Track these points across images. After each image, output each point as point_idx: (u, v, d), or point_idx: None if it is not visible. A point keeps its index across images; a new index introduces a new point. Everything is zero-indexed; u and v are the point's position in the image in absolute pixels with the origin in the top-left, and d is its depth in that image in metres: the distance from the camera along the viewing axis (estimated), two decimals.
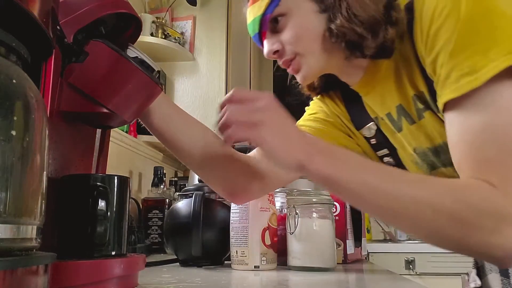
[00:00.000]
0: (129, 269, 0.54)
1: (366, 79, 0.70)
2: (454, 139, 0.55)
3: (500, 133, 0.50)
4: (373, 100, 0.73)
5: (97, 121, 0.60)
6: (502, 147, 0.50)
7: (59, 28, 0.51)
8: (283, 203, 0.97)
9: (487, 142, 0.51)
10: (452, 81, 0.53)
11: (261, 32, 0.69)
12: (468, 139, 0.52)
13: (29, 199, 0.33)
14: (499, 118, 0.50)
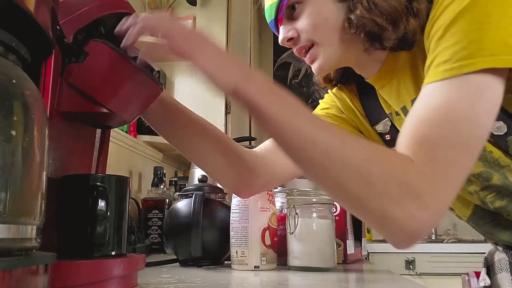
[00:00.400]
0: (129, 269, 0.54)
1: (384, 71, 0.69)
2: (409, 116, 0.54)
3: (450, 121, 0.50)
4: (389, 93, 0.72)
5: (97, 121, 0.60)
6: (443, 131, 0.49)
7: (59, 28, 0.51)
8: (283, 203, 0.97)
9: (435, 121, 0.50)
10: (433, 67, 0.53)
11: (277, 19, 0.68)
12: (420, 114, 0.52)
13: (29, 199, 0.33)
14: (457, 107, 0.50)
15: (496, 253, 0.80)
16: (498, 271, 0.77)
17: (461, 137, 0.49)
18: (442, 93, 0.51)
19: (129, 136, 1.46)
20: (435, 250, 2.28)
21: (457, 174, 0.50)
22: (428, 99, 0.52)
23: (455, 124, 0.49)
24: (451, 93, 0.50)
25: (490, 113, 0.51)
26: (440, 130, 0.49)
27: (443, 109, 0.50)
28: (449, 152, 0.49)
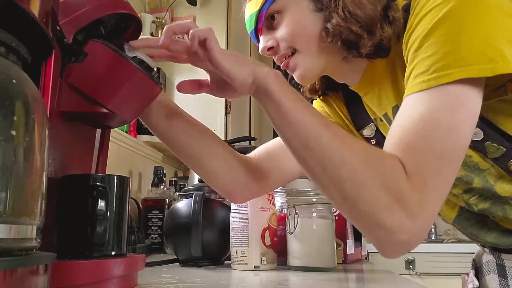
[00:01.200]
0: (129, 269, 0.54)
1: (365, 79, 0.71)
2: (393, 124, 0.55)
3: (433, 129, 0.50)
4: (371, 100, 0.73)
5: (97, 121, 0.60)
6: (427, 142, 0.50)
7: (59, 28, 0.51)
8: (283, 203, 0.97)
9: (419, 131, 0.51)
10: (411, 78, 0.54)
11: (257, 29, 0.70)
12: (405, 125, 0.52)
13: (29, 199, 0.33)
14: (439, 116, 0.50)
15: (484, 254, 0.80)
16: (486, 272, 0.77)
17: (445, 147, 0.50)
18: (423, 104, 0.51)
19: (129, 136, 1.46)
20: (435, 250, 2.28)
21: (443, 183, 0.50)
22: (409, 109, 0.53)
23: (438, 134, 0.50)
24: (431, 103, 0.51)
25: (471, 122, 0.51)
26: (425, 141, 0.50)
27: (425, 118, 0.51)
28: (435, 163, 0.49)
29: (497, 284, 0.74)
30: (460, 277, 1.95)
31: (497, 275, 0.74)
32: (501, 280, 0.73)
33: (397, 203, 0.48)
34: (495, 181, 0.63)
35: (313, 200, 0.86)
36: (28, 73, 0.36)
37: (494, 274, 0.75)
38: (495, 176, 0.62)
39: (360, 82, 0.71)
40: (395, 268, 2.16)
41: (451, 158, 0.50)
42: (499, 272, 0.73)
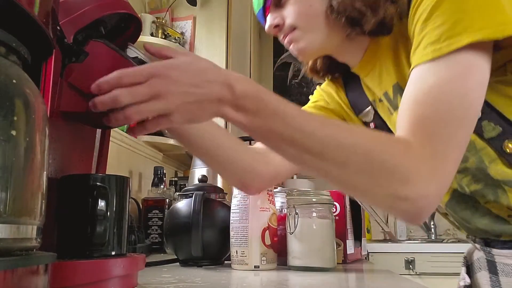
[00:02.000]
0: (129, 269, 0.54)
1: (367, 58, 0.72)
2: (404, 99, 0.56)
3: (443, 100, 0.52)
4: (372, 80, 0.74)
5: (97, 121, 0.60)
6: (438, 111, 0.52)
7: (59, 28, 0.51)
8: (283, 203, 0.97)
9: (429, 102, 0.53)
10: (420, 49, 0.56)
11: (265, 7, 0.72)
12: (414, 97, 0.54)
13: (29, 199, 0.33)
14: (449, 86, 0.52)
15: (475, 251, 0.80)
16: (477, 270, 0.77)
17: (455, 114, 0.52)
18: (433, 74, 0.53)
19: (129, 136, 1.46)
20: (435, 250, 2.28)
21: (455, 148, 0.53)
22: (419, 81, 0.55)
23: (449, 103, 0.52)
24: (441, 73, 0.53)
25: (480, 88, 0.54)
26: (435, 110, 0.52)
27: (435, 89, 0.53)
28: (446, 129, 0.52)
29: (488, 281, 0.73)
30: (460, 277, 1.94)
31: (487, 271, 0.74)
32: (492, 277, 0.72)
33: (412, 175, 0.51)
34: (490, 162, 0.64)
35: (313, 200, 0.86)
36: (28, 73, 0.36)
37: (485, 271, 0.74)
38: (490, 157, 0.63)
39: (362, 60, 0.73)
40: (395, 268, 2.16)
41: (462, 123, 0.53)
42: (489, 268, 0.73)
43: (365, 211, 1.17)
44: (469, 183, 0.68)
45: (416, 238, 2.77)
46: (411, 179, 0.51)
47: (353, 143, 0.52)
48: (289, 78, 3.33)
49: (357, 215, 1.10)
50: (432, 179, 0.51)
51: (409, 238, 2.75)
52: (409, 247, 2.34)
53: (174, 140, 1.68)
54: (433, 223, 2.75)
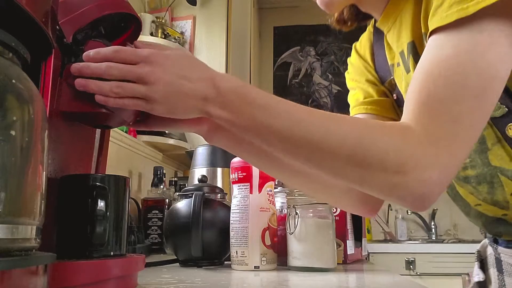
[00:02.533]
0: (129, 270, 0.54)
1: (389, 9, 0.67)
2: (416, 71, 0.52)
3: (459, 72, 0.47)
4: (392, 37, 0.69)
5: (97, 121, 0.60)
6: (450, 86, 0.47)
7: (59, 28, 0.51)
8: (283, 203, 0.97)
9: (441, 75, 0.48)
10: (443, 9, 0.49)
11: None
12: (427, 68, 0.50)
13: (28, 199, 0.33)
14: (468, 56, 0.47)
15: (488, 246, 0.77)
16: (490, 265, 0.75)
17: (471, 90, 0.47)
18: (452, 42, 0.48)
19: (129, 136, 1.45)
20: (435, 250, 2.28)
21: (467, 129, 0.48)
22: (434, 51, 0.50)
23: (464, 77, 0.47)
24: (460, 42, 0.48)
25: (504, 62, 0.47)
26: (447, 85, 0.47)
27: (451, 61, 0.48)
28: (457, 107, 0.47)
29: (496, 279, 0.72)
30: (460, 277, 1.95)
31: (495, 269, 0.72)
32: (499, 275, 0.71)
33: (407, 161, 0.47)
34: (492, 144, 0.60)
35: (313, 200, 0.85)
36: (28, 73, 0.36)
37: (493, 268, 0.73)
38: (493, 139, 0.59)
39: (384, 12, 0.67)
40: (395, 268, 2.16)
41: (477, 103, 0.47)
42: (497, 266, 0.71)
43: None
44: (465, 166, 0.64)
45: (417, 238, 2.77)
46: (407, 165, 0.47)
47: (343, 132, 0.49)
48: (289, 78, 3.33)
49: (358, 215, 1.10)
50: (434, 163, 0.47)
51: (410, 239, 2.75)
52: (409, 247, 2.35)
53: (174, 140, 1.68)
54: (434, 223, 2.75)
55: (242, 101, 0.51)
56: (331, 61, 3.28)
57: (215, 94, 0.52)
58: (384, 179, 0.48)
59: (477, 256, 0.80)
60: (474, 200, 0.67)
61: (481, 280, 0.76)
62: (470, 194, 0.67)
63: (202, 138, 0.66)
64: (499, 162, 0.60)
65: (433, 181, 0.47)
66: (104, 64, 0.51)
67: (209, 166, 1.37)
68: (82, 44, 0.54)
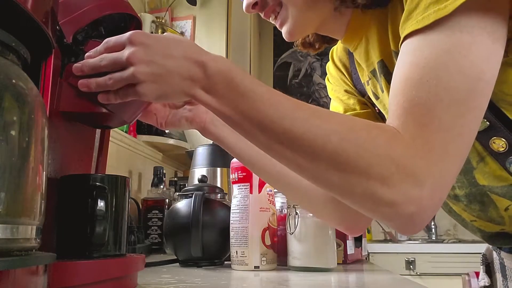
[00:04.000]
0: (128, 269, 0.54)
1: (352, 29, 0.63)
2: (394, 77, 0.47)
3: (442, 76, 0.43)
4: (360, 55, 0.66)
5: (97, 121, 0.60)
6: (433, 91, 0.43)
7: (59, 28, 0.51)
8: (283, 203, 0.97)
9: (422, 80, 0.43)
10: (419, 11, 0.45)
11: None
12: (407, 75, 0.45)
13: (28, 199, 0.33)
14: (447, 58, 0.43)
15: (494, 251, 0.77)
16: (496, 270, 0.74)
17: (454, 94, 0.42)
18: (430, 43, 0.44)
19: (129, 136, 1.45)
20: (435, 250, 2.28)
21: (455, 138, 0.43)
22: (412, 53, 0.45)
23: (447, 80, 0.42)
24: (440, 44, 0.43)
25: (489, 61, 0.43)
26: (431, 91, 0.43)
27: (431, 63, 0.43)
28: (443, 115, 0.42)
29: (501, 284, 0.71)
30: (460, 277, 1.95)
31: (500, 274, 0.71)
32: (503, 281, 0.70)
33: (395, 172, 0.42)
34: (477, 162, 0.56)
35: None
36: (28, 73, 0.36)
37: (498, 273, 0.72)
38: (477, 157, 0.56)
39: (347, 32, 0.64)
40: (395, 268, 2.16)
41: (465, 106, 0.42)
42: (501, 271, 0.70)
43: None
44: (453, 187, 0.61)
45: (417, 238, 2.77)
46: (393, 177, 0.42)
47: (325, 133, 0.44)
48: (289, 78, 3.33)
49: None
50: (424, 178, 0.42)
51: (410, 239, 2.75)
52: (409, 247, 2.34)
53: (174, 140, 1.68)
54: (434, 224, 2.75)
55: (227, 86, 0.48)
56: None
57: (202, 75, 0.49)
58: (367, 189, 0.43)
59: (483, 260, 0.77)
60: (469, 216, 0.65)
61: (487, 285, 0.75)
62: (464, 211, 0.65)
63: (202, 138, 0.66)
64: (486, 180, 0.57)
65: (424, 199, 0.42)
66: (98, 58, 0.51)
67: (209, 166, 1.37)
68: (82, 44, 0.54)
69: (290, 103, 0.47)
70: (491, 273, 0.76)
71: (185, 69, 0.49)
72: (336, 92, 0.77)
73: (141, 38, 0.49)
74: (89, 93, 0.53)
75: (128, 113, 0.59)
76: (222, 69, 0.49)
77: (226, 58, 0.51)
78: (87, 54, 0.52)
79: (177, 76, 0.49)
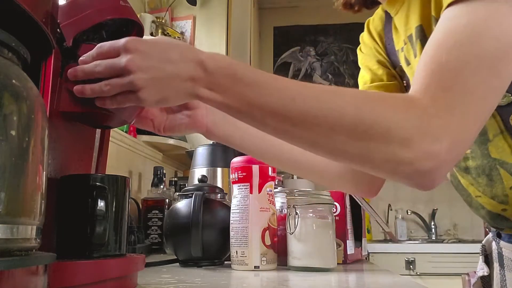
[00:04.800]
0: (128, 269, 0.54)
1: None
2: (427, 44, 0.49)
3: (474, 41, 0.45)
4: (400, 20, 0.66)
5: (97, 121, 0.60)
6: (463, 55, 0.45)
7: (59, 31, 0.51)
8: (283, 203, 0.97)
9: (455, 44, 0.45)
10: None
11: None
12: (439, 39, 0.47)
13: (28, 199, 0.33)
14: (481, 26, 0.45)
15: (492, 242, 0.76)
16: (494, 260, 0.74)
17: (484, 61, 0.44)
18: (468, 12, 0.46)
19: (129, 136, 1.45)
20: (435, 250, 2.28)
21: (477, 101, 0.45)
22: (449, 22, 0.47)
23: (479, 45, 0.44)
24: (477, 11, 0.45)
25: None
26: (461, 53, 0.45)
27: (467, 31, 0.45)
28: (469, 78, 0.44)
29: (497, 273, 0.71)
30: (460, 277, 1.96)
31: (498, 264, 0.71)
32: (501, 270, 0.70)
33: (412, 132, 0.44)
34: (494, 135, 0.57)
35: (313, 200, 0.85)
36: (28, 73, 0.36)
37: (496, 263, 0.72)
38: (495, 130, 0.57)
39: None
40: (395, 268, 2.16)
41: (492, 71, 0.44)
42: (499, 261, 0.70)
43: (365, 211, 1.17)
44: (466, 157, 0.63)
45: (417, 238, 2.77)
46: (412, 138, 0.44)
47: (340, 106, 0.46)
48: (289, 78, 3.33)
49: (358, 215, 1.10)
50: (442, 135, 0.44)
51: (410, 238, 2.75)
52: (409, 247, 2.35)
53: (174, 140, 1.68)
54: (434, 223, 2.75)
55: (231, 80, 0.48)
56: (331, 61, 3.28)
57: (203, 74, 0.49)
58: (387, 153, 0.45)
59: (482, 250, 0.79)
60: (475, 191, 0.66)
61: (486, 275, 0.75)
62: (471, 185, 0.66)
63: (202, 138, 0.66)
64: (499, 154, 0.58)
65: (441, 154, 0.44)
66: (92, 64, 0.50)
67: (209, 166, 1.37)
68: None
69: (297, 85, 0.48)
70: (489, 264, 0.76)
71: (185, 70, 0.49)
72: (366, 61, 0.78)
73: (136, 44, 0.49)
74: None
75: (129, 113, 0.59)
76: (222, 64, 0.49)
77: (223, 54, 0.52)
78: (80, 58, 0.52)
79: (178, 79, 0.49)
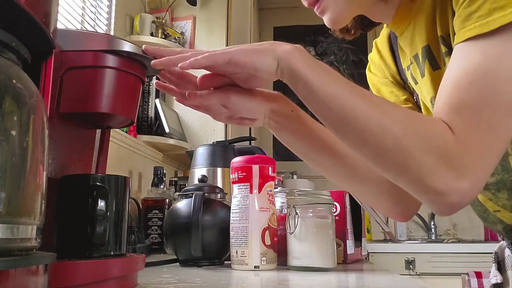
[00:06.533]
0: (129, 269, 0.54)
1: (401, 14, 0.66)
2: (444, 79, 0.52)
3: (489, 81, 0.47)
4: (405, 40, 0.68)
5: (97, 121, 0.60)
6: (482, 94, 0.47)
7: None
8: (283, 203, 0.97)
9: (472, 84, 0.48)
10: (483, 14, 0.48)
11: None
12: (456, 77, 0.49)
13: (28, 199, 0.33)
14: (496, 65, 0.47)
15: (506, 248, 0.76)
16: (508, 267, 0.74)
17: (502, 98, 0.47)
18: (480, 51, 0.48)
19: (129, 136, 1.46)
20: (435, 250, 2.28)
21: (498, 138, 0.48)
22: (463, 59, 0.49)
23: (495, 85, 0.47)
24: (490, 50, 0.47)
25: None
26: (479, 93, 0.47)
27: (481, 69, 0.47)
28: (490, 116, 0.47)
29: None
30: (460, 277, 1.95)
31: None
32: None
33: (444, 165, 0.47)
34: None
35: (313, 200, 0.86)
36: (28, 73, 0.36)
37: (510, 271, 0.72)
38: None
39: (395, 17, 0.66)
40: (395, 268, 2.16)
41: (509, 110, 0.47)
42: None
43: (365, 211, 1.17)
44: None
45: (416, 238, 2.77)
46: (442, 169, 0.47)
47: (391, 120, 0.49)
48: None
49: (357, 215, 1.10)
50: (469, 173, 0.47)
51: (409, 238, 2.75)
52: (409, 247, 2.34)
53: (174, 140, 1.68)
54: (433, 223, 2.75)
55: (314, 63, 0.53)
56: (331, 61, 3.27)
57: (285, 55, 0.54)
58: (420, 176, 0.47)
59: (494, 258, 0.79)
60: (493, 206, 0.66)
61: (499, 282, 0.75)
62: (489, 200, 0.66)
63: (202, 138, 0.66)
64: None
65: (465, 190, 0.47)
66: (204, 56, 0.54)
67: (209, 166, 1.37)
68: None
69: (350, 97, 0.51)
70: (502, 271, 0.76)
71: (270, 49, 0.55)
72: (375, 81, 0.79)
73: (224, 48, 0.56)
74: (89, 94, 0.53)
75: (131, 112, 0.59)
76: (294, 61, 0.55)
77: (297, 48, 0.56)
78: None
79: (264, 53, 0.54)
